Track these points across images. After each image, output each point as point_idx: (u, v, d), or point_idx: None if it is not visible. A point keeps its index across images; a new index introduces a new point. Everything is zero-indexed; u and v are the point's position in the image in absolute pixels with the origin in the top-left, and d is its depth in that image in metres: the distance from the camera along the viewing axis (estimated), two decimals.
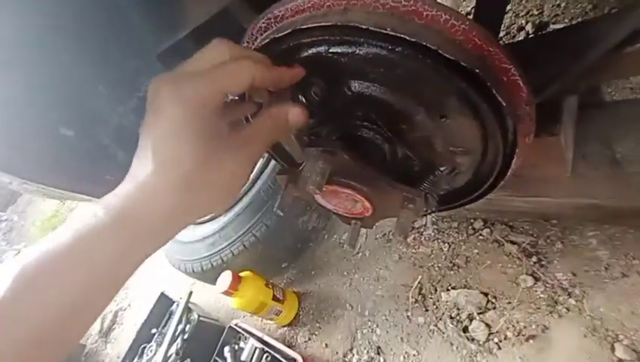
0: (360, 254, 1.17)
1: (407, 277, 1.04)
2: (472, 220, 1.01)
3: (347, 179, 0.47)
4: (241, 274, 0.99)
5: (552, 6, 1.36)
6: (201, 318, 1.15)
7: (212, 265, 1.06)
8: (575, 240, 0.84)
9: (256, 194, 1.05)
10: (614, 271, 0.77)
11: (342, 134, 0.50)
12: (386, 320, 1.01)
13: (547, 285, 0.82)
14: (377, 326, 1.01)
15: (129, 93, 0.73)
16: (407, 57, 0.38)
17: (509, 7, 1.61)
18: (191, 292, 1.20)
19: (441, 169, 0.54)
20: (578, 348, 0.73)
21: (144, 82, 0.76)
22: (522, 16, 1.42)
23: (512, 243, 0.91)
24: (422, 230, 1.09)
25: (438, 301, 0.95)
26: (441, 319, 0.92)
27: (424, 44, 0.35)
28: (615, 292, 0.75)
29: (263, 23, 0.43)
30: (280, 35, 0.40)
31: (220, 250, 1.05)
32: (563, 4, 1.32)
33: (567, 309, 0.78)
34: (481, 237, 0.97)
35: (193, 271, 1.11)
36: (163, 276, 1.69)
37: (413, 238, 1.09)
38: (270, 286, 1.04)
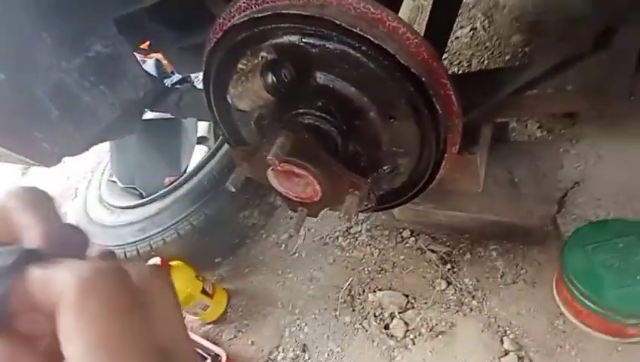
0: (296, 254, 1.19)
1: (339, 279, 1.09)
2: (401, 230, 1.11)
3: (303, 160, 0.51)
4: (171, 262, 0.94)
5: (478, 62, 1.64)
6: None
7: (138, 252, 0.99)
8: (480, 252, 0.99)
9: (198, 183, 1.02)
10: (507, 279, 0.92)
11: (302, 120, 0.54)
12: (315, 318, 1.04)
13: (457, 288, 0.94)
14: (306, 324, 1.03)
15: (76, 50, 0.68)
16: (370, 57, 0.44)
17: (445, 56, 1.88)
18: None
19: (384, 168, 0.61)
20: (476, 341, 0.85)
21: (94, 43, 0.72)
22: (455, 64, 1.67)
23: (433, 251, 1.03)
24: (357, 235, 1.17)
25: (364, 301, 1.02)
26: (366, 318, 0.99)
27: (385, 47, 0.42)
28: (507, 295, 0.89)
29: (244, 2, 0.46)
30: (260, 15, 0.44)
31: (149, 237, 0.98)
32: (486, 62, 1.60)
33: (471, 309, 0.90)
34: (407, 245, 1.08)
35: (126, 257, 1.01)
36: None
37: (349, 243, 1.16)
38: (200, 279, 1.00)
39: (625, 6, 0.54)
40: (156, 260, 0.90)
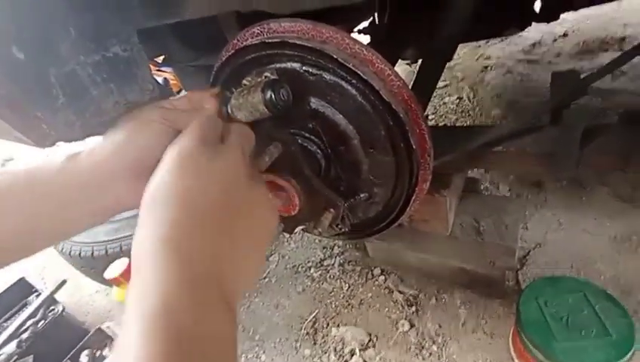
0: (266, 279, 1.18)
1: (305, 309, 1.08)
2: (372, 267, 1.14)
3: (287, 173, 0.55)
4: None
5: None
6: (65, 313, 0.99)
7: (106, 252, 0.97)
8: (445, 299, 1.01)
9: None
10: (468, 328, 0.94)
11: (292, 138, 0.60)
12: (274, 347, 1.01)
13: (419, 332, 0.95)
14: (264, 352, 1.00)
15: (97, 48, 0.74)
16: (358, 90, 0.51)
17: (432, 117, 2.05)
18: (64, 281, 1.04)
19: (361, 195, 0.66)
20: None
21: (114, 45, 0.78)
22: (441, 125, 1.81)
23: (400, 292, 1.05)
24: (329, 268, 1.18)
25: (327, 335, 1.01)
26: (326, 352, 0.97)
27: (372, 83, 0.49)
28: (466, 344, 0.91)
29: (257, 29, 0.54)
30: (270, 40, 0.51)
31: (122, 238, 0.97)
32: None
33: (430, 354, 0.90)
34: (376, 283, 1.09)
35: (80, 255, 0.98)
36: (34, 259, 1.41)
37: (320, 274, 1.17)
38: None
39: (567, 90, 0.65)
40: (124, 261, 0.88)
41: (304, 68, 0.53)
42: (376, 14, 1.12)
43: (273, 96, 0.51)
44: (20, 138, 0.70)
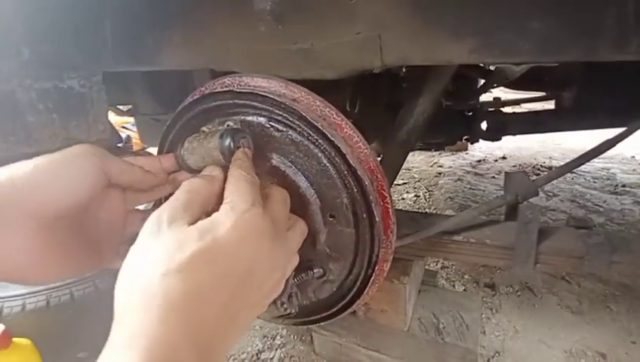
0: None
1: None
2: None
3: None
4: (16, 339, 0.69)
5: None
6: None
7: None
8: None
9: None
10: None
11: None
12: None
13: None
14: None
15: (49, 76, 0.68)
16: (324, 152, 0.48)
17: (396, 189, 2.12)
18: None
19: (314, 270, 0.58)
20: None
21: (71, 78, 0.73)
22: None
23: None
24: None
25: None
26: None
27: (339, 146, 0.47)
28: None
29: (229, 80, 0.52)
30: (240, 90, 0.49)
31: (7, 297, 0.75)
32: None
33: None
34: None
35: None
36: None
37: None
38: None
39: (520, 188, 0.68)
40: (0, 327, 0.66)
41: (270, 123, 0.50)
42: (347, 103, 1.21)
43: (232, 144, 0.47)
44: None
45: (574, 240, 0.63)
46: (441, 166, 2.79)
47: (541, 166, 2.69)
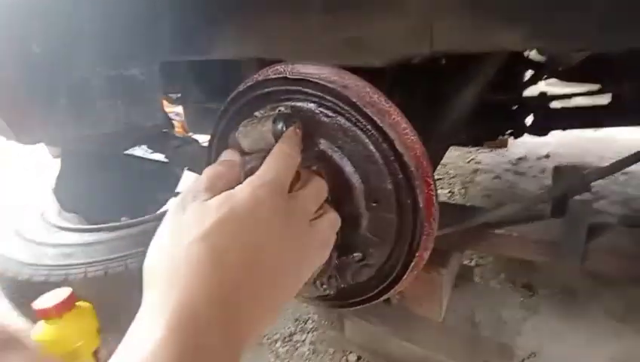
0: None
1: None
2: (348, 352, 0.99)
3: None
4: (79, 302, 0.78)
5: None
6: None
7: (46, 278, 0.83)
8: None
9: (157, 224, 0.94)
10: None
11: None
12: None
13: None
14: None
15: (116, 65, 0.75)
16: (371, 138, 0.50)
17: None
18: None
19: (354, 254, 0.60)
20: None
21: (134, 67, 0.79)
22: None
23: None
24: (298, 345, 1.02)
25: None
26: None
27: (387, 132, 0.48)
28: None
29: (281, 67, 0.55)
30: (292, 77, 0.52)
31: (70, 265, 0.84)
32: None
33: None
34: None
35: (16, 276, 0.84)
36: None
37: (287, 351, 1.01)
38: (100, 338, 0.81)
39: (570, 183, 0.65)
40: (66, 291, 0.75)
41: (320, 109, 0.52)
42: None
43: (284, 127, 0.49)
44: (2, 129, 0.65)
45: (627, 239, 0.60)
46: (478, 163, 2.68)
47: (589, 166, 2.51)
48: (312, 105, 0.53)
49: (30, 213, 1.04)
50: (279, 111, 0.54)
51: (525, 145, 2.90)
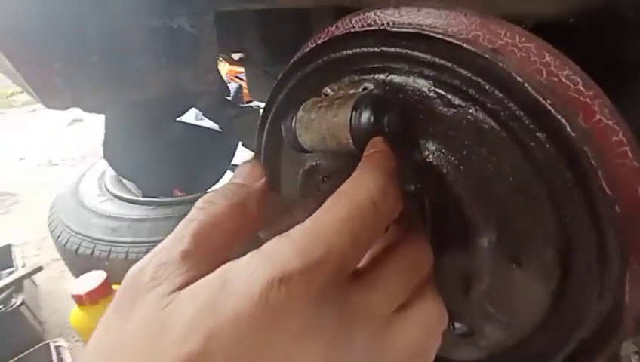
0: None
1: None
2: None
3: None
4: (116, 286, 0.71)
5: None
6: (22, 308, 0.80)
7: (91, 253, 0.78)
8: None
9: None
10: None
11: None
12: None
13: None
14: None
15: (160, 12, 0.59)
16: (537, 153, 0.26)
17: None
18: (39, 268, 0.87)
19: (455, 325, 0.38)
20: None
21: (181, 16, 0.63)
22: None
23: None
24: None
25: None
26: None
27: (581, 147, 0.23)
28: None
29: (377, 14, 0.32)
30: (396, 29, 0.29)
31: (114, 242, 0.78)
32: None
33: None
34: None
35: (66, 246, 0.81)
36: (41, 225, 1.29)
37: None
38: None
39: None
40: (100, 275, 0.68)
41: (438, 89, 0.29)
42: None
43: (372, 120, 0.28)
44: (27, 88, 0.55)
45: None
46: None
47: None
48: (422, 82, 0.30)
49: (91, 174, 1.03)
50: (364, 89, 0.32)
51: None
